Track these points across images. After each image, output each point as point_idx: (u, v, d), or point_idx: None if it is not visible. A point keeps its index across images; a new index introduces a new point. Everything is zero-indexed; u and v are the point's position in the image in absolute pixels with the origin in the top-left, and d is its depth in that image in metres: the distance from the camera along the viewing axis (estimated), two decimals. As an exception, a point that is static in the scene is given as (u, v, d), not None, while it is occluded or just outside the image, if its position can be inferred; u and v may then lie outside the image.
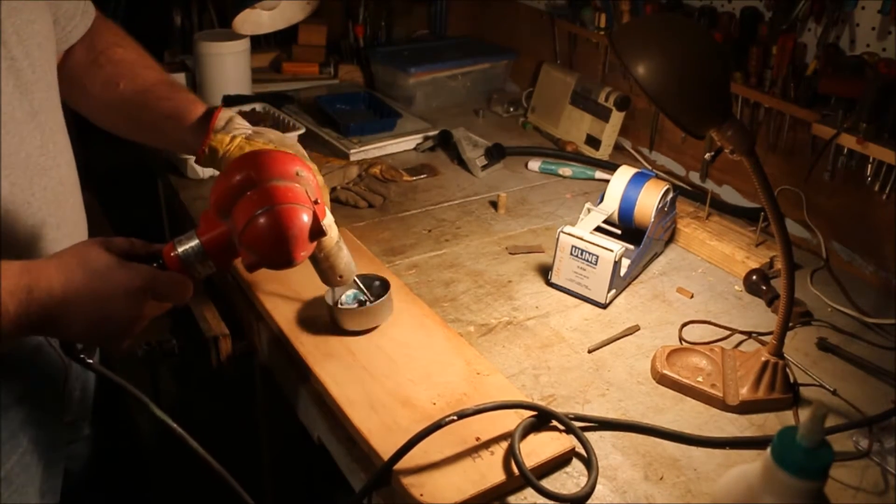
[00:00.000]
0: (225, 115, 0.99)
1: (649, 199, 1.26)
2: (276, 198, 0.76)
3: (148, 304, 0.76)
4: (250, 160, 0.79)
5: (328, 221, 0.85)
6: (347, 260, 0.95)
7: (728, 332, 1.15)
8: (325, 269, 0.95)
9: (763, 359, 1.00)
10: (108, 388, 1.13)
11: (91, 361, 0.78)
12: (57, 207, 0.88)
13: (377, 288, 1.08)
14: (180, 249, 0.78)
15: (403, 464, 0.84)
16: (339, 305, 1.05)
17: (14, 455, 0.89)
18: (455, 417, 0.86)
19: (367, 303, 1.05)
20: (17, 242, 0.81)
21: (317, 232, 0.78)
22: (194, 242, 0.78)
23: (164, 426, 0.79)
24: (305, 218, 0.77)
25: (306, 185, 0.80)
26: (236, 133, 0.97)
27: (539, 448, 0.89)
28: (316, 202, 0.80)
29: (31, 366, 0.91)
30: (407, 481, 0.83)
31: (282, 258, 0.77)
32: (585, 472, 0.89)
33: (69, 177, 0.92)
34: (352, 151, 1.63)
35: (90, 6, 1.03)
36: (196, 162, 0.98)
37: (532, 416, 0.91)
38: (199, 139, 0.96)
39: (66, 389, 0.99)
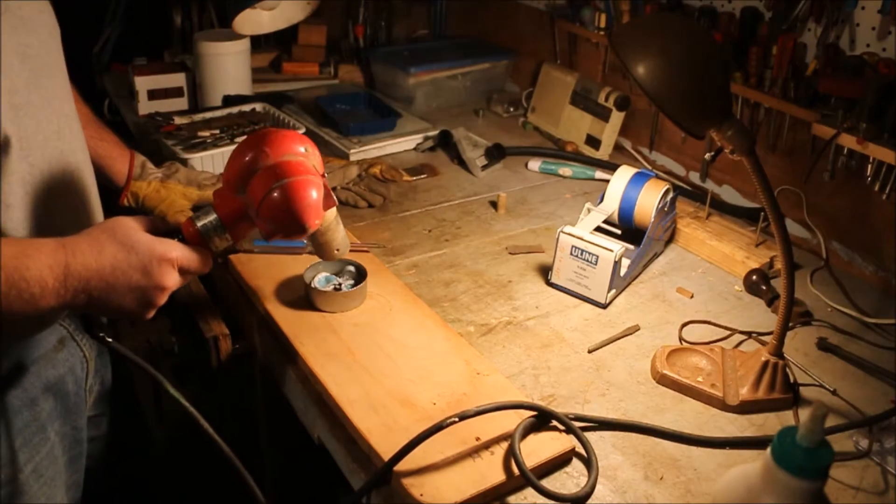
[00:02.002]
0: (138, 161, 1.17)
1: (649, 199, 1.26)
2: (289, 172, 0.82)
3: (174, 275, 0.80)
4: (259, 140, 0.84)
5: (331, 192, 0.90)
6: (343, 235, 1.00)
7: (728, 332, 1.15)
8: (323, 243, 0.99)
9: (763, 359, 1.00)
10: (120, 387, 1.14)
11: (111, 340, 0.82)
12: (73, 190, 0.90)
13: (352, 274, 1.15)
14: (199, 224, 0.84)
15: (403, 464, 0.84)
16: (314, 286, 1.11)
17: (44, 448, 0.90)
18: (456, 419, 0.86)
19: (341, 288, 1.12)
20: (38, 223, 0.83)
21: (328, 199, 0.85)
22: (213, 217, 0.84)
23: (178, 411, 0.84)
24: (315, 189, 0.83)
25: (313, 160, 0.86)
26: (150, 178, 1.17)
27: (539, 448, 0.89)
28: (323, 175, 0.86)
29: (56, 359, 0.93)
30: (407, 481, 0.83)
31: (297, 226, 0.83)
32: (585, 472, 0.89)
33: (84, 162, 0.94)
34: (352, 151, 1.63)
35: None
36: (118, 204, 1.14)
37: (532, 417, 0.91)
38: (120, 186, 1.14)
39: (87, 384, 1.00)
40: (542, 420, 0.92)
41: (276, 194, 0.81)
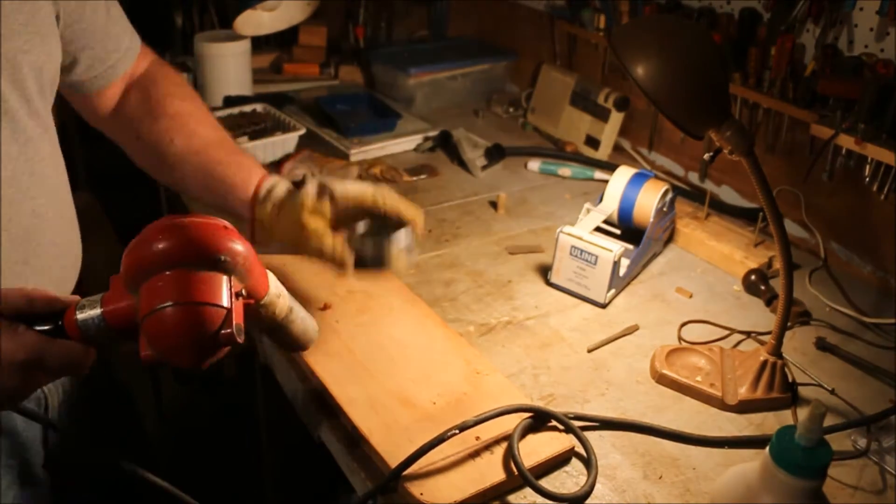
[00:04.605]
0: (267, 184, 0.95)
1: (648, 200, 1.27)
2: (189, 292, 0.63)
3: (34, 377, 0.66)
4: (173, 230, 0.65)
5: (276, 292, 0.74)
6: (302, 329, 0.80)
7: (727, 332, 1.15)
8: (277, 339, 0.81)
9: (762, 358, 1.01)
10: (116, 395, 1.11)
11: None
12: (26, 242, 0.83)
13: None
14: (80, 316, 0.66)
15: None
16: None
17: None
18: (457, 431, 0.86)
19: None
20: None
21: (227, 339, 0.64)
22: (97, 311, 0.66)
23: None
24: (216, 324, 0.64)
25: (233, 272, 0.66)
26: (276, 201, 0.92)
27: (539, 447, 0.89)
28: (239, 295, 0.67)
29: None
30: (407, 481, 0.83)
31: (183, 362, 0.65)
32: (585, 472, 0.89)
33: (48, 210, 0.87)
34: (352, 152, 1.63)
35: (136, 43, 1.02)
36: (253, 241, 0.92)
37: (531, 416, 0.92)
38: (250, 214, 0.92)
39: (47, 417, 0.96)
40: (542, 420, 0.93)
41: (164, 315, 0.63)
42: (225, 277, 0.66)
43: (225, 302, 0.65)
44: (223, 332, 0.64)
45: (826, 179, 1.30)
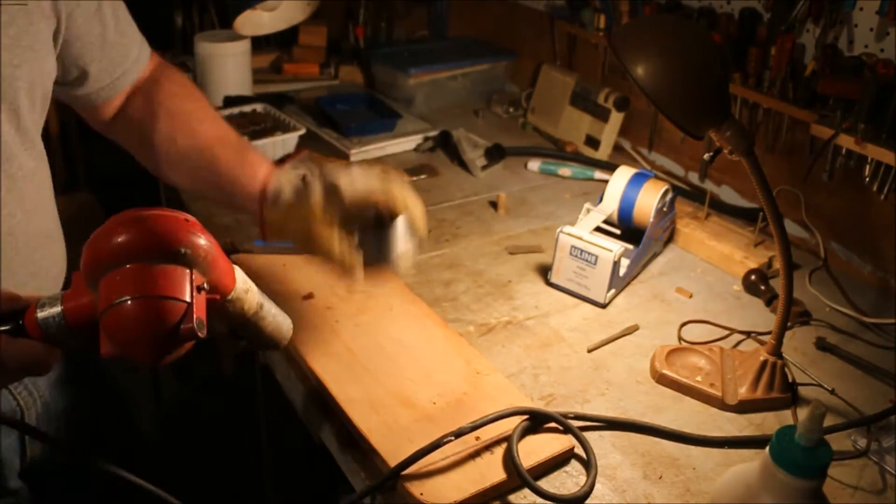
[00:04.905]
0: (273, 185, 0.92)
1: (648, 200, 1.27)
2: (148, 286, 0.62)
3: None
4: (133, 223, 0.63)
5: (244, 287, 0.71)
6: (274, 326, 0.78)
7: (727, 332, 1.15)
8: (248, 337, 0.78)
9: (762, 358, 1.01)
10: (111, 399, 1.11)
11: None
12: None
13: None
14: (40, 315, 0.64)
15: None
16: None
17: None
18: (452, 438, 0.86)
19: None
20: None
21: (188, 334, 0.63)
22: (57, 309, 0.64)
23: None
24: (175, 318, 0.62)
25: (195, 266, 0.64)
26: (283, 205, 0.91)
27: (538, 447, 0.89)
28: (201, 289, 0.65)
29: None
30: (407, 481, 0.83)
31: (142, 358, 0.64)
32: (585, 472, 0.89)
33: (26, 228, 0.85)
34: (352, 152, 1.63)
35: (144, 53, 1.02)
36: (264, 237, 0.93)
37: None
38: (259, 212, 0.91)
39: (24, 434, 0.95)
40: (540, 421, 0.93)
41: (122, 309, 0.61)
42: (186, 271, 0.64)
43: (186, 296, 0.63)
44: (184, 326, 0.62)
45: (826, 179, 1.30)
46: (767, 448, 0.70)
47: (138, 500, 0.70)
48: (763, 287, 1.22)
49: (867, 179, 1.23)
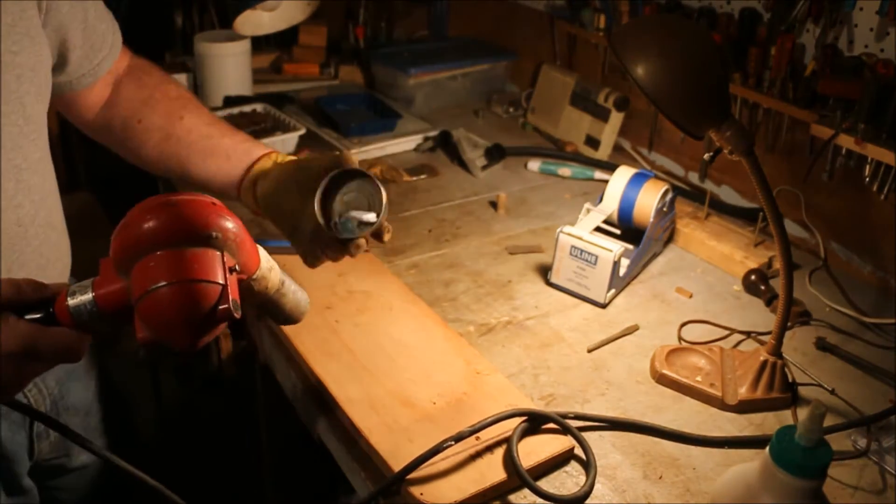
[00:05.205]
0: (259, 166, 0.99)
1: (648, 200, 1.27)
2: (183, 270, 0.62)
3: (29, 367, 0.65)
4: (162, 209, 0.64)
5: (268, 266, 0.73)
6: (294, 302, 0.79)
7: (727, 332, 1.15)
8: (270, 313, 0.80)
9: (762, 358, 1.01)
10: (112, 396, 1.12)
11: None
12: (9, 252, 0.83)
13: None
14: (71, 302, 0.65)
15: (404, 465, 0.84)
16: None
17: None
18: (452, 442, 0.86)
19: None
20: None
21: (224, 315, 0.64)
22: (88, 296, 0.65)
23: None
24: (212, 300, 0.63)
25: (225, 248, 0.66)
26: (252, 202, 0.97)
27: (538, 448, 0.89)
28: (233, 270, 0.66)
29: None
30: (407, 482, 0.83)
31: (180, 342, 0.65)
32: (585, 472, 0.89)
33: (34, 219, 0.86)
34: (352, 152, 1.62)
35: (118, 38, 1.03)
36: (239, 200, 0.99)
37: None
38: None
39: (34, 428, 0.97)
40: (540, 421, 0.93)
41: (159, 295, 0.62)
42: (218, 254, 0.65)
43: (220, 278, 0.64)
44: (220, 308, 0.63)
45: (826, 179, 1.30)
46: (767, 448, 0.70)
47: (142, 500, 0.70)
48: (763, 287, 1.22)
49: (867, 179, 1.23)
